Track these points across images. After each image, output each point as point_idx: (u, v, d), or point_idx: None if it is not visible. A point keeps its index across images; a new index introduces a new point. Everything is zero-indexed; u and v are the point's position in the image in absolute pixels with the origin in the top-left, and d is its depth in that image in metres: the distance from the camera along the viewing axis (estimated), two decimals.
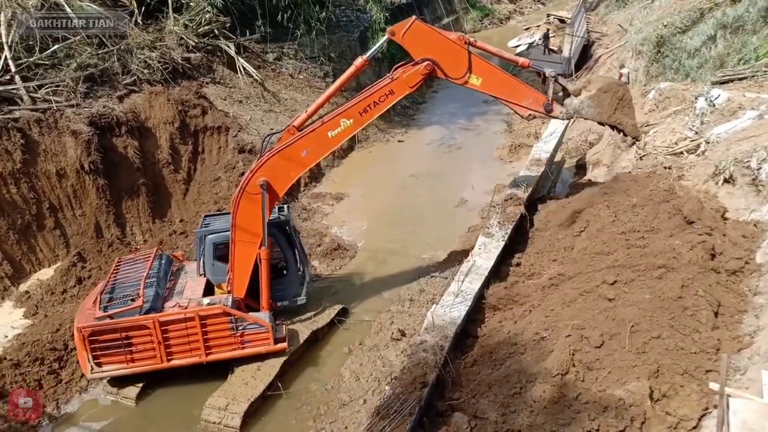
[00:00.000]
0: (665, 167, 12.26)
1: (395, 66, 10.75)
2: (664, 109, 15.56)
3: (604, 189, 12.57)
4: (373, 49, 10.84)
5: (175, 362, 10.29)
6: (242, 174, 16.63)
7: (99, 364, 10.10)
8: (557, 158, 19.12)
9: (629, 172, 13.01)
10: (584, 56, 31.19)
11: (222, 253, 10.99)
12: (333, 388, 10.51)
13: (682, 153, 12.82)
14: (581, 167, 18.69)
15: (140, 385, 10.43)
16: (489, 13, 45.71)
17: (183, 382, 10.63)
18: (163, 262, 11.38)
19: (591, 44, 31.97)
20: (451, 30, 38.49)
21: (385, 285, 13.76)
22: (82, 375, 10.66)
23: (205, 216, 12.02)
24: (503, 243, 12.88)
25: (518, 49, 36.75)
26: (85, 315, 10.22)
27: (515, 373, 8.38)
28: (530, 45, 36.14)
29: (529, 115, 12.02)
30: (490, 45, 12.17)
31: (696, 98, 14.14)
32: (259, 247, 10.45)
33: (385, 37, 10.65)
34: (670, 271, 8.87)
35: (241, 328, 10.39)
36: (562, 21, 37.91)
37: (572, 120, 13.42)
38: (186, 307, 10.23)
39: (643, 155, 13.68)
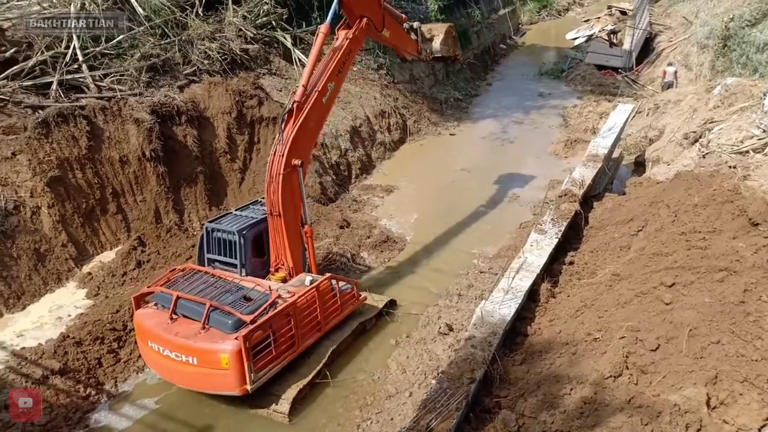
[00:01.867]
0: (730, 166, 11.77)
1: (338, 26, 11.71)
2: (730, 105, 14.94)
3: (664, 187, 12.17)
4: (330, 13, 11.52)
5: (304, 346, 10.37)
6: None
7: (257, 372, 9.40)
8: (615, 154, 18.64)
9: (691, 171, 12.56)
10: (646, 49, 30.23)
11: (255, 247, 11.22)
12: (380, 379, 10.58)
13: (748, 152, 12.29)
14: (640, 164, 18.17)
15: None
16: (547, 5, 44.82)
17: None
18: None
19: (653, 37, 30.94)
20: (509, 23, 38.14)
21: (433, 279, 13.73)
22: (140, 355, 11.08)
23: (208, 223, 11.56)
24: (556, 240, 12.66)
25: (577, 41, 35.91)
26: (195, 333, 9.39)
27: (566, 373, 8.25)
28: (589, 37, 35.21)
29: (411, 58, 15.30)
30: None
31: (765, 95, 13.52)
32: (302, 225, 11.07)
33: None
34: (732, 275, 8.53)
35: (339, 292, 10.95)
36: (623, 13, 36.81)
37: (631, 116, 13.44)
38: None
39: (707, 153, 13.18)
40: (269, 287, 10.15)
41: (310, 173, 17.07)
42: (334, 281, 10.99)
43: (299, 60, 21.10)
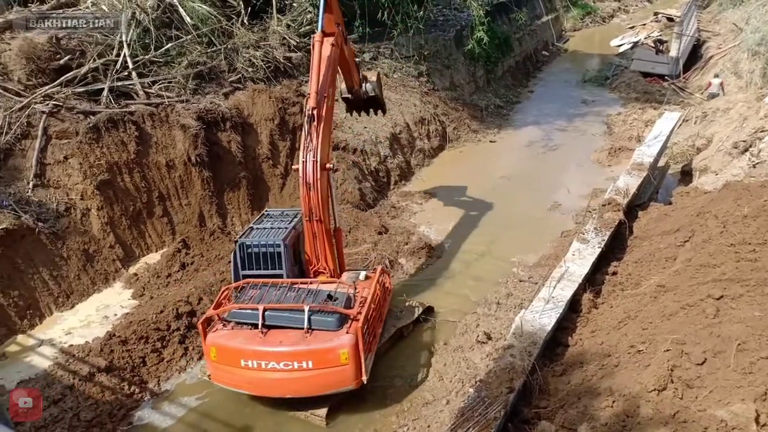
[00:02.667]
0: None
1: (317, 38, 11.62)
2: None
3: (712, 197, 11.84)
4: (319, 19, 11.85)
5: (379, 335, 10.68)
6: (336, 171, 17.07)
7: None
8: (661, 163, 18.24)
9: (741, 181, 12.20)
10: (694, 56, 29.50)
11: (293, 255, 11.24)
12: (417, 386, 10.55)
13: None
14: (687, 174, 17.71)
15: None
16: (591, 11, 44.16)
17: None
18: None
19: (701, 44, 30.17)
20: (551, 30, 37.76)
21: (471, 287, 13.64)
22: (182, 355, 11.33)
23: (239, 239, 11.13)
24: (599, 250, 12.44)
25: (621, 48, 35.29)
26: (301, 338, 9.37)
27: (607, 386, 8.08)
28: (635, 44, 34.55)
29: (347, 92, 14.91)
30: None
31: None
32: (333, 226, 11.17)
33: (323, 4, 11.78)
34: None
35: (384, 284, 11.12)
36: (670, 19, 36.01)
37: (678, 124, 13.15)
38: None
39: (757, 163, 12.79)
40: (340, 285, 10.32)
41: (349, 179, 17.21)
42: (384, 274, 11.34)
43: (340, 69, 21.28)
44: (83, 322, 12.32)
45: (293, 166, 11.19)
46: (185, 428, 9.98)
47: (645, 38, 34.33)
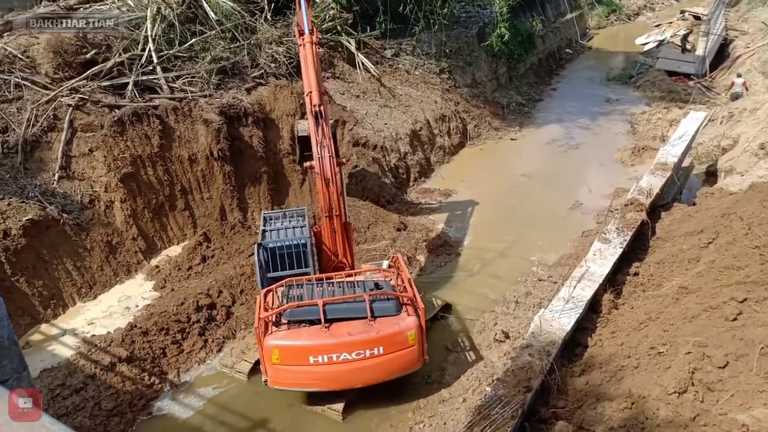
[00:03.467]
0: None
1: (307, 39, 11.89)
2: None
3: (738, 199, 11.64)
4: (305, 22, 12.09)
5: None
6: (355, 167, 17.12)
7: None
8: (685, 163, 17.97)
9: (767, 182, 11.94)
10: (721, 55, 28.99)
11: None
12: (433, 383, 10.54)
13: None
14: (712, 174, 17.43)
15: (252, 361, 10.98)
16: (616, 9, 43.62)
17: None
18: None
19: (728, 43, 29.63)
20: (576, 27, 37.35)
21: (490, 285, 13.58)
22: (202, 347, 11.45)
23: (263, 243, 10.99)
24: (621, 250, 12.30)
25: (647, 47, 34.82)
26: (367, 326, 9.42)
27: (627, 387, 8.00)
28: (660, 42, 34.05)
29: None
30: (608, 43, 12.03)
31: None
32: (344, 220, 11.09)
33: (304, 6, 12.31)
34: None
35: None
36: (697, 18, 35.44)
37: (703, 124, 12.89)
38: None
39: None
40: (374, 274, 10.50)
41: (369, 175, 17.23)
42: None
43: (362, 64, 21.33)
44: (105, 312, 12.50)
45: (306, 164, 11.23)
46: (204, 420, 10.08)
47: (671, 36, 33.84)
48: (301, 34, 12.15)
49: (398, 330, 9.46)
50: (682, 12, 37.96)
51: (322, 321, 9.32)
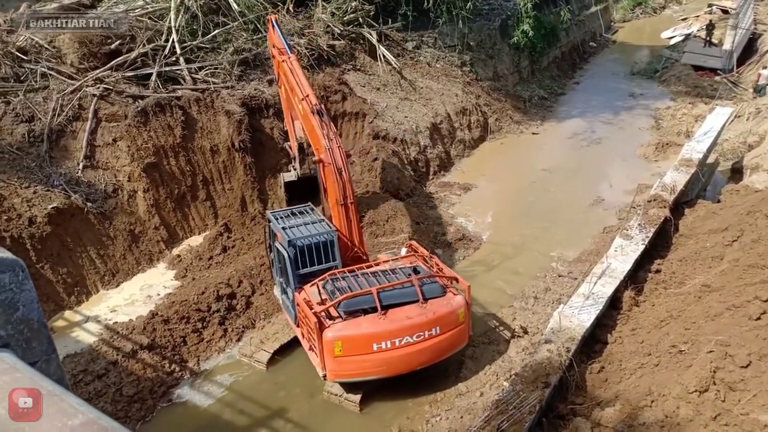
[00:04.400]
0: None
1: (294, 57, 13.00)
2: None
3: (764, 196, 11.43)
4: (285, 43, 13.26)
5: None
6: (375, 159, 17.12)
7: None
8: (710, 160, 17.68)
9: None
10: (749, 50, 28.41)
11: None
12: (450, 377, 10.55)
13: None
14: (737, 171, 17.13)
15: (271, 351, 11.07)
16: (642, 2, 42.97)
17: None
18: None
19: (757, 37, 29.03)
20: (600, 20, 36.82)
21: (508, 280, 13.51)
22: (221, 336, 11.56)
23: (292, 240, 10.72)
24: (643, 247, 12.16)
25: (672, 41, 34.25)
26: (422, 308, 9.64)
27: (647, 385, 7.93)
28: (686, 36, 33.47)
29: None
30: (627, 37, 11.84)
31: None
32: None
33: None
34: None
35: None
36: (725, 11, 34.77)
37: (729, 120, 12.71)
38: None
39: None
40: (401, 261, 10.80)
41: (388, 168, 17.21)
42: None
43: (384, 56, 21.28)
44: (127, 300, 12.68)
45: (314, 159, 11.40)
46: (223, 408, 10.20)
47: (697, 31, 33.25)
48: (281, 53, 13.11)
49: (451, 309, 9.82)
50: (710, 5, 37.27)
51: (379, 308, 9.44)
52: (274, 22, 14.02)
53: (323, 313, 9.49)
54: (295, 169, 13.69)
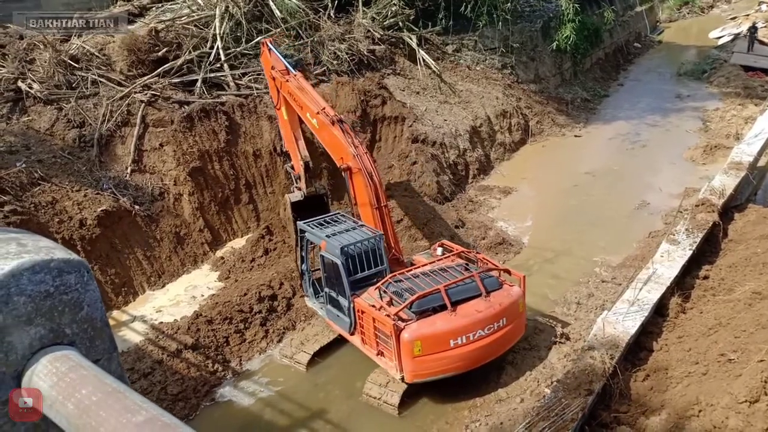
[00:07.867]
0: None
1: (299, 75, 12.93)
2: None
3: None
4: (287, 65, 13.00)
5: None
6: (414, 163, 17.13)
7: None
8: (761, 163, 17.09)
9: None
10: None
11: None
12: (490, 382, 10.45)
13: None
14: None
15: (311, 352, 11.18)
16: (689, 1, 41.87)
17: (348, 356, 11.23)
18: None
19: None
20: (645, 20, 36.06)
21: (550, 285, 13.31)
22: (263, 337, 11.74)
23: (344, 246, 10.51)
24: (690, 252, 11.85)
25: (721, 41, 33.27)
26: (487, 302, 9.80)
27: (694, 394, 7.71)
28: (735, 36, 32.46)
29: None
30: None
31: None
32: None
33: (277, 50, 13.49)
34: None
35: None
36: None
37: None
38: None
39: None
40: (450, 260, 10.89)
41: (428, 172, 17.19)
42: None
43: (423, 60, 21.28)
44: (173, 301, 12.99)
45: (342, 166, 11.25)
46: (263, 407, 10.35)
47: (746, 30, 32.22)
48: (283, 74, 12.92)
49: (513, 300, 10.08)
50: (761, 3, 36.07)
51: (448, 305, 9.54)
52: (269, 44, 13.67)
53: (400, 314, 9.52)
54: (300, 189, 13.47)
